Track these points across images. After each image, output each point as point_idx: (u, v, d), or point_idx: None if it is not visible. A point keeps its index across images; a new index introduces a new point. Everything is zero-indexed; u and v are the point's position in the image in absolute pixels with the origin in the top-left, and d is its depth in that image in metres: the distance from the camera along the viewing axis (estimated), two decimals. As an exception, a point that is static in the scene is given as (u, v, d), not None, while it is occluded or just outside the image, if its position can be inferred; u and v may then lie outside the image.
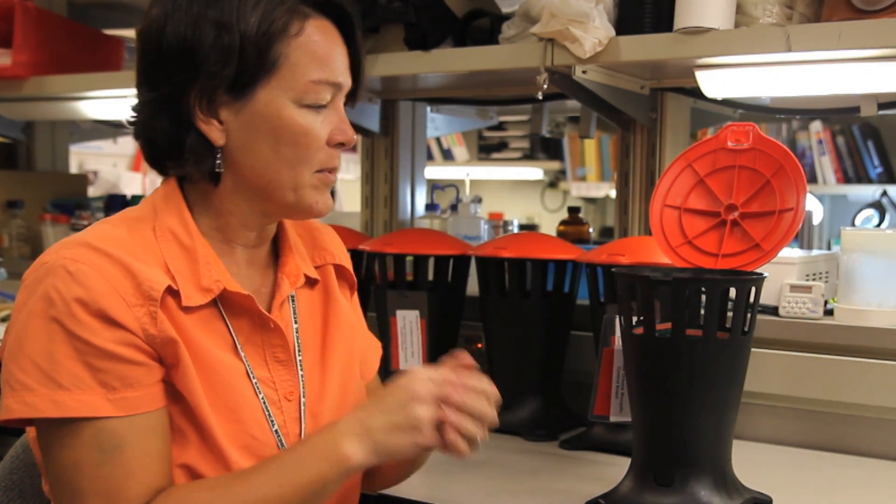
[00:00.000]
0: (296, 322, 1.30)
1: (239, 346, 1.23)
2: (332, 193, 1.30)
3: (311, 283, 1.35)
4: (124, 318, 1.13)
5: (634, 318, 1.47)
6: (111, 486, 1.12)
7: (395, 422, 1.14)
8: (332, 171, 1.25)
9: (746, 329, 1.45)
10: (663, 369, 1.41)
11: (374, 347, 1.48)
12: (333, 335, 1.34)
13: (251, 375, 1.23)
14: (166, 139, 1.22)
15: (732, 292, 1.44)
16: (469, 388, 1.17)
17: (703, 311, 1.43)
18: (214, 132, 1.21)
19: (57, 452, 1.13)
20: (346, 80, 1.26)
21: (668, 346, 1.42)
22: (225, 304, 1.22)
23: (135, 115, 1.24)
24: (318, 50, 1.22)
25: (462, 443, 1.15)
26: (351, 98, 1.29)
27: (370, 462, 1.14)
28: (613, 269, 1.51)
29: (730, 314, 1.45)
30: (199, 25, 1.18)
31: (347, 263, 1.42)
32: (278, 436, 1.22)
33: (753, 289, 1.45)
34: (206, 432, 1.17)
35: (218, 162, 1.22)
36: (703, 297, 1.46)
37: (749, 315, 1.45)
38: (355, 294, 1.46)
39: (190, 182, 1.26)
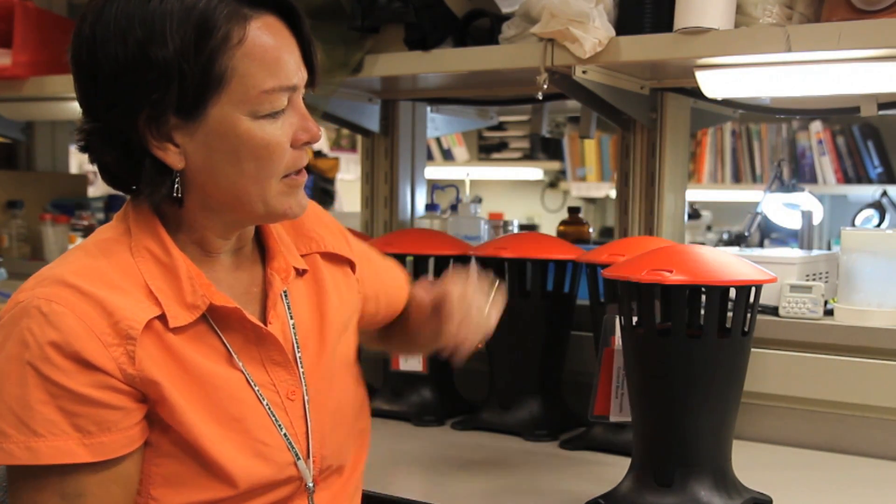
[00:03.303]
0: (291, 318, 1.27)
1: (235, 356, 1.20)
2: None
3: (300, 273, 1.31)
4: (100, 359, 1.09)
5: (634, 319, 1.47)
6: None
7: None
8: (298, 173, 1.20)
9: (746, 329, 1.45)
10: (663, 369, 1.42)
11: (398, 285, 1.51)
12: (329, 324, 1.32)
13: (251, 383, 1.21)
14: (120, 167, 1.17)
15: (732, 293, 1.44)
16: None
17: (702, 312, 1.43)
18: (171, 156, 1.14)
19: (20, 495, 1.10)
20: (301, 77, 1.18)
21: (669, 347, 1.42)
22: (214, 316, 1.18)
23: (83, 142, 1.17)
24: (267, 55, 1.13)
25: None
26: (309, 87, 1.22)
27: None
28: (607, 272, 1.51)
29: (730, 314, 1.46)
30: (129, 45, 1.10)
31: (336, 247, 1.36)
32: (287, 438, 1.22)
33: (753, 290, 1.45)
34: (203, 458, 1.15)
35: (176, 186, 1.16)
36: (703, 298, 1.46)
37: (749, 316, 1.45)
38: (357, 268, 1.40)
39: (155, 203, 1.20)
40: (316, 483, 1.25)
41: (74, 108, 2.96)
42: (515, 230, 2.65)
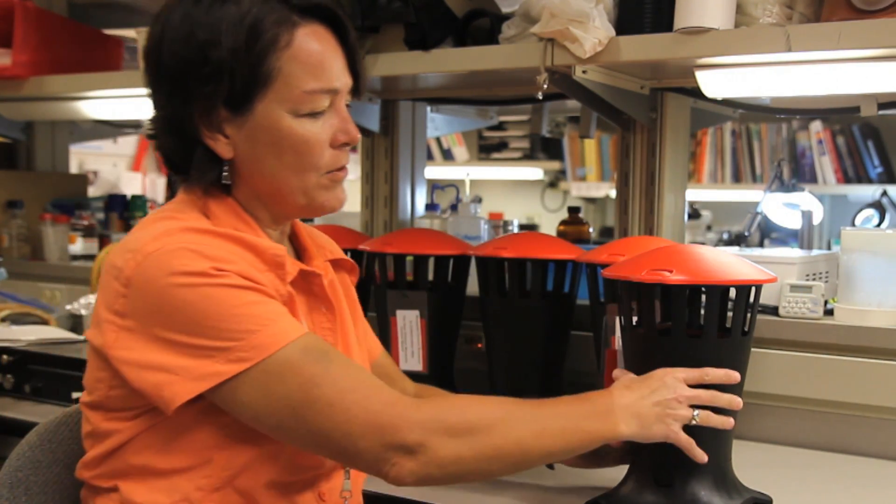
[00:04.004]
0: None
1: (303, 322, 1.30)
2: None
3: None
4: (259, 278, 1.21)
5: (635, 318, 1.47)
6: (356, 379, 1.19)
7: (660, 415, 1.31)
8: (340, 169, 1.30)
9: (746, 329, 1.45)
10: (665, 366, 1.41)
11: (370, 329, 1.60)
12: (357, 321, 1.45)
13: None
14: (176, 154, 1.29)
15: (732, 293, 1.44)
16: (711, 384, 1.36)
17: (702, 312, 1.43)
18: (221, 146, 1.26)
19: (281, 388, 1.16)
20: (344, 82, 1.29)
21: (669, 346, 1.42)
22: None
23: (150, 129, 1.31)
24: (311, 59, 1.24)
25: (698, 451, 1.36)
26: (354, 95, 1.32)
27: (628, 438, 1.30)
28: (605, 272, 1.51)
29: (729, 314, 1.46)
30: (189, 44, 1.22)
31: (341, 254, 1.48)
32: None
33: (753, 289, 1.45)
34: None
35: (225, 174, 1.27)
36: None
37: (749, 315, 1.45)
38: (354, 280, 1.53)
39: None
40: None
41: (74, 108, 2.99)
42: (515, 230, 2.65)
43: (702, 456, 1.36)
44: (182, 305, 1.16)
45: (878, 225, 4.18)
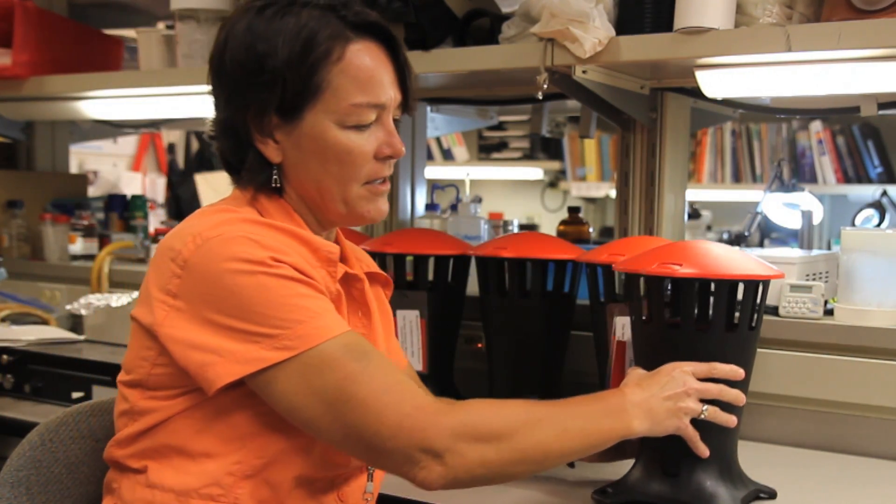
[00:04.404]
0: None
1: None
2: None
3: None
4: (311, 273, 1.25)
5: (644, 314, 1.48)
6: (392, 381, 1.22)
7: (671, 409, 1.36)
8: (383, 182, 1.35)
9: (753, 325, 1.48)
10: (673, 359, 1.43)
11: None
12: (387, 329, 1.49)
13: None
14: (231, 155, 1.35)
15: (740, 289, 1.46)
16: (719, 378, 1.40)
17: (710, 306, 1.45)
18: (271, 150, 1.32)
19: (318, 382, 1.20)
20: (392, 98, 1.34)
21: (678, 340, 1.45)
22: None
23: (212, 131, 1.37)
24: (360, 74, 1.30)
25: (701, 444, 1.40)
26: (404, 110, 1.37)
27: (642, 435, 1.35)
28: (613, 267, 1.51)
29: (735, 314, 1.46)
30: (249, 53, 1.28)
31: (377, 268, 1.52)
32: None
33: (760, 285, 1.48)
34: None
35: (275, 177, 1.33)
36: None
37: (756, 312, 1.48)
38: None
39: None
40: None
41: (74, 108, 2.98)
42: (515, 230, 2.65)
43: (704, 450, 1.40)
44: (235, 290, 1.20)
45: (878, 225, 4.18)
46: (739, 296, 1.49)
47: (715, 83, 1.88)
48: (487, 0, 2.06)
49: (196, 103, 2.64)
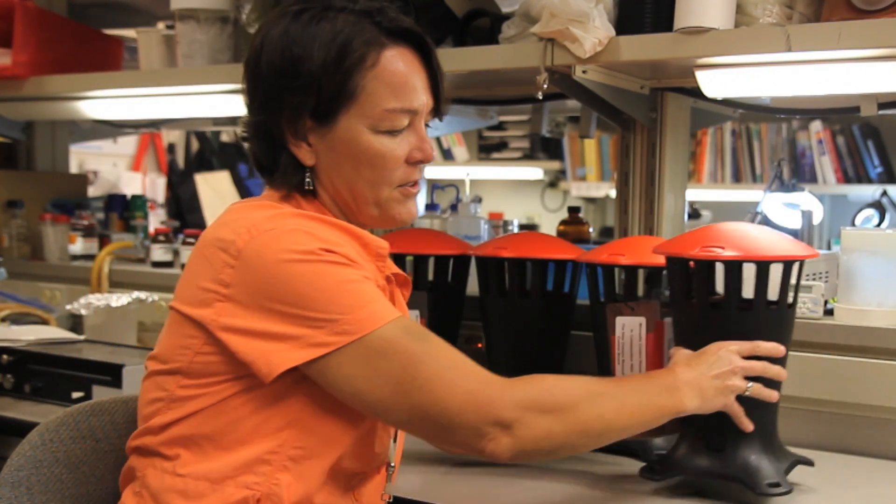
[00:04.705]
0: None
1: None
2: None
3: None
4: (362, 265, 1.28)
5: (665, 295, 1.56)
6: (454, 359, 1.27)
7: (719, 387, 1.41)
8: (413, 185, 1.38)
9: (791, 302, 1.55)
10: (718, 338, 1.48)
11: None
12: None
13: None
14: (264, 157, 1.37)
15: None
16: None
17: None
18: (304, 153, 1.34)
19: (384, 364, 1.23)
20: (424, 103, 1.37)
21: (722, 319, 1.50)
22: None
23: (243, 133, 1.39)
24: (394, 80, 1.32)
25: (746, 420, 1.45)
26: (435, 115, 1.40)
27: (692, 412, 1.39)
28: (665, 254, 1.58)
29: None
30: (285, 57, 1.30)
31: (397, 269, 1.52)
32: None
33: (797, 264, 1.54)
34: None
35: (308, 179, 1.35)
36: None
37: (794, 289, 1.55)
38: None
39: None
40: (395, 466, 1.44)
41: (74, 108, 2.98)
42: (515, 230, 2.65)
43: (748, 425, 1.45)
44: (292, 279, 1.22)
45: (878, 225, 4.18)
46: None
47: (715, 83, 1.88)
48: (487, 0, 2.06)
49: (196, 103, 2.64)
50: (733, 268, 1.50)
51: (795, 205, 2.53)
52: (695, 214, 4.55)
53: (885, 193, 4.32)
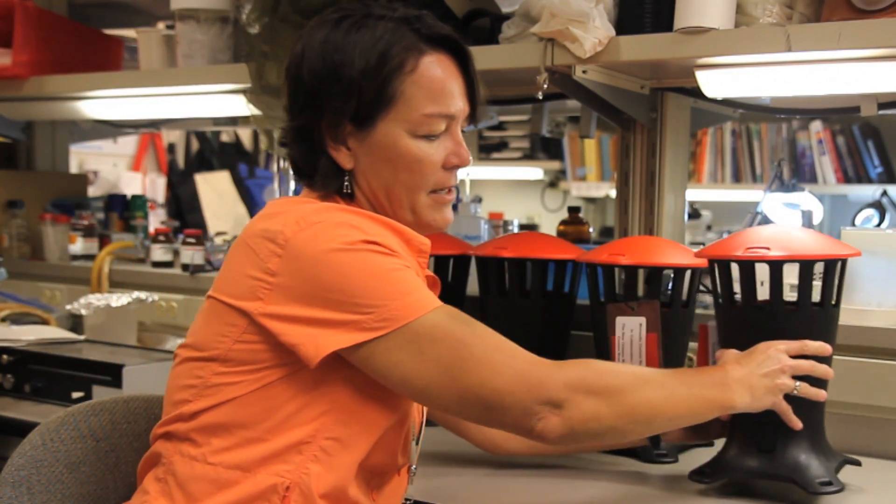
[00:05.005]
0: None
1: None
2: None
3: None
4: (405, 258, 1.30)
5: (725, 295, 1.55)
6: (502, 342, 1.28)
7: (769, 386, 1.42)
8: (449, 190, 1.40)
9: (835, 302, 1.55)
10: (765, 338, 1.48)
11: None
12: None
13: None
14: (304, 161, 1.39)
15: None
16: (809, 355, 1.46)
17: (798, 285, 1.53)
18: (343, 157, 1.36)
19: (432, 349, 1.25)
20: (461, 109, 1.39)
21: (769, 319, 1.52)
22: None
23: (283, 137, 1.42)
24: (432, 85, 1.34)
25: (794, 418, 1.45)
26: (470, 121, 1.42)
27: (741, 410, 1.40)
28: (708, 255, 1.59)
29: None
30: (326, 63, 1.33)
31: (427, 271, 1.53)
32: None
33: (840, 263, 1.55)
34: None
35: (347, 183, 1.37)
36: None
37: (837, 289, 1.56)
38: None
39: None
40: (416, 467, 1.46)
41: (74, 108, 2.98)
42: (515, 230, 2.65)
43: (797, 423, 1.46)
44: (339, 267, 1.25)
45: (878, 225, 4.18)
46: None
47: (715, 83, 1.88)
48: (487, 0, 2.07)
49: (196, 103, 2.64)
50: (778, 269, 1.51)
51: (795, 205, 2.52)
52: (695, 214, 4.55)
53: (885, 193, 4.32)
